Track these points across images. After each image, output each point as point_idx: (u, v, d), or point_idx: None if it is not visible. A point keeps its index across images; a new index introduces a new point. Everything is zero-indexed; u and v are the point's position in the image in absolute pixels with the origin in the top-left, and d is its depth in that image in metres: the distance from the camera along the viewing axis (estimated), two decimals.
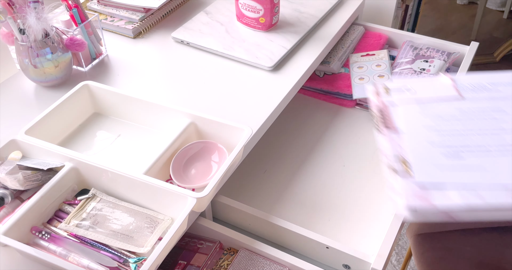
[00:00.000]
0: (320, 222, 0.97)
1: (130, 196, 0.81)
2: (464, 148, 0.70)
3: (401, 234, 1.80)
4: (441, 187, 0.64)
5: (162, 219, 0.78)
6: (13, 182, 0.76)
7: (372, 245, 0.92)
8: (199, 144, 0.89)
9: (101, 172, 0.81)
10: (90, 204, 0.80)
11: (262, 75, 1.07)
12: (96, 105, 0.99)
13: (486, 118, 0.75)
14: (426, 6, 2.90)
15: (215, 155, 0.88)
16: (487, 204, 0.61)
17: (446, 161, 0.68)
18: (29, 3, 0.94)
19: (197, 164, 0.88)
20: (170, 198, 0.77)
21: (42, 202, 0.78)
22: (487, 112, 0.76)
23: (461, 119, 0.75)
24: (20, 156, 0.83)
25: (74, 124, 0.96)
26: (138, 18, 1.20)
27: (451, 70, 1.25)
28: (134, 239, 0.75)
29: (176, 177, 0.85)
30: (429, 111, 0.76)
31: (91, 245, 0.75)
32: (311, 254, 0.90)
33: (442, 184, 0.64)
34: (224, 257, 0.89)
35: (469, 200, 0.62)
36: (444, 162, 0.67)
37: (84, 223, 0.77)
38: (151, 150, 0.87)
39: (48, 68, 1.00)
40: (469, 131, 0.73)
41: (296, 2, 1.28)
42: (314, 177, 1.06)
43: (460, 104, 0.77)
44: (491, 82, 0.81)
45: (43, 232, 0.76)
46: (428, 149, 0.70)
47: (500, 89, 0.79)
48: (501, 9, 2.95)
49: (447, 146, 0.70)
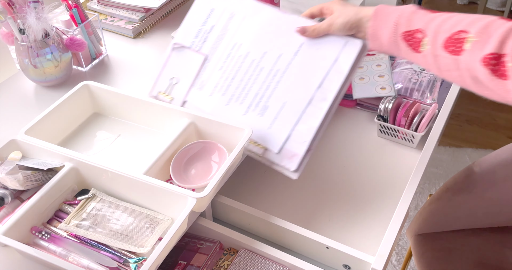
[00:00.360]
0: (320, 222, 0.97)
1: (130, 196, 0.81)
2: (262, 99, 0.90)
3: (401, 234, 1.80)
4: (289, 144, 0.86)
5: (162, 219, 0.78)
6: (13, 182, 0.76)
7: (372, 245, 0.92)
8: (199, 144, 0.89)
9: (101, 172, 0.80)
10: (90, 204, 0.80)
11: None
12: (96, 105, 0.99)
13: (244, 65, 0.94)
14: (426, 6, 2.90)
15: (215, 155, 0.88)
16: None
17: (269, 124, 0.88)
18: (29, 3, 0.94)
19: (197, 164, 0.88)
20: (170, 198, 0.77)
21: (42, 202, 0.77)
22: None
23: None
24: (20, 156, 0.83)
25: (74, 124, 0.96)
26: (138, 18, 1.20)
27: None
28: (134, 239, 0.75)
29: (176, 177, 0.85)
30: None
31: (91, 245, 0.75)
32: (311, 254, 0.90)
33: (285, 143, 0.86)
34: (224, 257, 0.89)
35: (303, 138, 0.85)
36: (267, 125, 0.88)
37: (84, 223, 0.77)
38: (151, 150, 0.87)
39: (48, 68, 1.00)
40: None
41: (296, 2, 1.28)
42: (314, 177, 1.06)
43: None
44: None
45: (43, 232, 0.76)
46: (253, 118, 0.90)
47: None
48: (501, 9, 2.95)
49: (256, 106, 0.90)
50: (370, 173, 1.06)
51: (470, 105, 2.37)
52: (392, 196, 1.01)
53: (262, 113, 0.89)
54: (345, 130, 1.17)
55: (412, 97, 1.14)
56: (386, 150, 1.12)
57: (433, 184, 1.99)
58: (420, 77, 1.17)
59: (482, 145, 2.14)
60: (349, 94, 1.20)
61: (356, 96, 1.17)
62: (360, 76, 1.21)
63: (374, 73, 1.21)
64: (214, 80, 0.95)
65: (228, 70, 0.94)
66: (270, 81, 0.90)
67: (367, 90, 1.16)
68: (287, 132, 0.86)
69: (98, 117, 0.99)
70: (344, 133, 1.17)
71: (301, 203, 1.00)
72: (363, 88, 1.17)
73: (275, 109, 0.88)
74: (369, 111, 1.22)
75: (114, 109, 0.97)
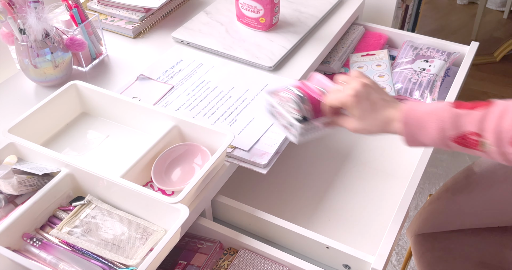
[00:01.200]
0: (320, 222, 0.97)
1: (126, 205, 0.80)
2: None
3: (401, 234, 1.80)
4: (259, 146, 0.91)
5: (156, 230, 0.77)
6: (7, 187, 0.75)
7: (372, 245, 0.92)
8: (183, 147, 0.88)
9: (97, 180, 0.79)
10: (84, 210, 0.78)
11: (262, 75, 1.07)
12: (84, 105, 0.98)
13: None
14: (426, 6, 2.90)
15: (198, 158, 0.88)
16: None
17: (239, 131, 0.94)
18: (29, 3, 0.94)
19: (179, 166, 0.87)
20: (162, 208, 0.75)
21: (36, 207, 0.76)
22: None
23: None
24: (15, 161, 0.81)
25: (61, 124, 0.96)
26: (138, 18, 1.20)
27: (451, 70, 1.25)
28: (124, 250, 0.74)
29: (157, 179, 0.84)
30: None
31: (82, 254, 0.73)
32: (311, 254, 0.90)
33: (255, 144, 0.92)
34: (224, 257, 0.89)
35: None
36: (237, 131, 0.94)
37: (76, 231, 0.75)
38: (136, 151, 0.86)
39: (48, 68, 1.00)
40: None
41: (296, 2, 1.28)
42: (314, 177, 1.06)
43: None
44: None
45: (34, 239, 0.75)
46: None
47: None
48: (501, 9, 2.95)
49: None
50: (369, 172, 1.06)
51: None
52: (392, 195, 1.01)
53: (230, 124, 0.95)
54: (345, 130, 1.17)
55: (413, 97, 1.15)
56: (385, 149, 1.12)
57: (433, 184, 1.99)
58: (420, 77, 1.17)
59: None
60: None
61: None
62: None
63: (374, 73, 1.21)
64: (180, 101, 1.01)
65: (196, 96, 1.02)
66: (238, 104, 1.00)
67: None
68: (257, 137, 0.92)
69: (86, 117, 0.98)
70: (344, 133, 1.17)
71: (301, 203, 1.01)
72: None
73: (243, 122, 0.96)
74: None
75: (102, 110, 0.97)
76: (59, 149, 0.91)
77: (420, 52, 1.24)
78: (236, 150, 0.90)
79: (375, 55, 1.26)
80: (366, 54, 1.27)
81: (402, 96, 1.15)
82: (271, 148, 0.90)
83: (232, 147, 0.91)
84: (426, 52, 1.24)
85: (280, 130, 0.84)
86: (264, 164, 0.88)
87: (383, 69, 1.21)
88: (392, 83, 1.17)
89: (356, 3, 1.32)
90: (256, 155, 0.89)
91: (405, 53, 1.25)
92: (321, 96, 0.80)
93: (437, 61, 1.21)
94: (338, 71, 1.25)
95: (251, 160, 0.89)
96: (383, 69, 1.21)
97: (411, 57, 1.23)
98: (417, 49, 1.25)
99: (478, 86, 2.45)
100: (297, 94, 0.80)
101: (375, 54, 1.26)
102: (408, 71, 1.19)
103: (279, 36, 1.16)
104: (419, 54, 1.24)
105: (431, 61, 1.21)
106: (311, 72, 1.13)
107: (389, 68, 1.21)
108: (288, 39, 1.15)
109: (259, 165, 0.88)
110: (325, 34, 1.21)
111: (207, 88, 1.03)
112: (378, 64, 1.23)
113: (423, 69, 1.19)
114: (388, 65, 1.22)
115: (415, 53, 1.24)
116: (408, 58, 1.23)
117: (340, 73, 1.24)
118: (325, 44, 1.17)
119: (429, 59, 1.22)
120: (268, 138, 0.92)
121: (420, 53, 1.24)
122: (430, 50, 1.24)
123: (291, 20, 1.22)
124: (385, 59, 1.24)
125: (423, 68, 1.19)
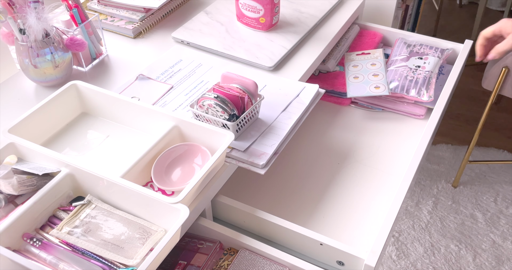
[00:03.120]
0: (314, 219, 0.97)
1: (126, 205, 0.80)
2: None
3: (402, 229, 1.80)
4: (257, 146, 0.92)
5: (156, 230, 0.76)
6: (7, 187, 0.75)
7: (365, 241, 0.93)
8: (183, 147, 0.88)
9: (97, 180, 0.79)
10: (84, 210, 0.78)
11: (263, 75, 1.08)
12: (84, 105, 0.98)
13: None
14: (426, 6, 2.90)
15: (198, 158, 0.88)
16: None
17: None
18: (29, 3, 0.94)
19: (180, 166, 0.87)
20: (163, 208, 0.75)
21: (36, 208, 0.76)
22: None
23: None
24: (15, 161, 0.81)
25: (61, 123, 0.96)
26: (138, 18, 1.20)
27: (446, 68, 1.25)
28: (124, 250, 0.73)
29: (157, 179, 0.84)
30: None
31: (82, 254, 0.73)
32: (305, 251, 0.91)
33: (252, 144, 0.92)
34: (224, 257, 0.89)
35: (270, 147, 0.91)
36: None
37: (76, 231, 0.75)
38: (136, 152, 0.86)
39: (48, 68, 1.00)
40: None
41: (296, 2, 1.28)
42: (309, 174, 1.06)
43: None
44: None
45: (35, 239, 0.75)
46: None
47: None
48: (501, 9, 2.95)
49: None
50: (364, 170, 1.07)
51: (470, 105, 2.37)
52: (386, 192, 1.02)
53: None
54: (340, 127, 1.18)
55: (409, 94, 1.15)
56: (379, 147, 1.12)
57: (434, 181, 1.99)
58: (415, 74, 1.17)
59: (482, 145, 2.14)
60: (344, 92, 1.20)
61: (350, 95, 1.17)
62: (355, 74, 1.21)
63: (369, 72, 1.21)
64: (178, 101, 1.01)
65: (195, 96, 1.02)
66: None
67: (361, 89, 1.17)
68: (255, 137, 0.92)
69: (86, 117, 0.99)
70: (338, 130, 1.17)
71: (295, 200, 1.01)
72: (357, 87, 1.18)
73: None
74: (363, 109, 1.23)
75: (102, 110, 0.97)
76: (59, 149, 0.91)
77: (414, 49, 1.24)
78: (234, 151, 0.90)
79: (370, 54, 1.26)
80: (361, 53, 1.27)
81: (399, 94, 1.16)
82: (270, 148, 0.90)
83: (230, 148, 0.91)
84: (420, 49, 1.24)
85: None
86: (262, 164, 0.88)
87: (378, 68, 1.21)
88: (387, 82, 1.17)
89: (356, 3, 1.32)
90: (255, 155, 0.89)
91: (399, 50, 1.25)
92: (236, 91, 0.89)
93: (431, 58, 1.21)
94: (333, 70, 1.25)
95: (249, 160, 0.89)
96: (377, 68, 1.21)
97: (405, 54, 1.23)
98: (411, 46, 1.25)
99: (478, 86, 2.45)
100: (215, 97, 0.87)
101: (370, 53, 1.26)
102: (404, 69, 1.19)
103: (279, 36, 1.16)
104: (413, 51, 1.24)
105: (425, 58, 1.21)
106: (311, 72, 1.14)
107: (383, 67, 1.21)
108: (288, 39, 1.15)
109: (257, 165, 0.88)
110: (325, 34, 1.21)
111: (206, 88, 1.03)
112: (373, 63, 1.23)
113: (418, 66, 1.20)
114: (383, 64, 1.22)
115: (408, 50, 1.24)
116: (403, 56, 1.23)
117: (335, 71, 1.25)
118: (325, 44, 1.17)
119: (423, 56, 1.22)
120: (266, 139, 0.92)
121: (414, 50, 1.24)
122: (423, 47, 1.25)
123: (291, 20, 1.22)
124: (380, 58, 1.24)
125: (418, 66, 1.20)
